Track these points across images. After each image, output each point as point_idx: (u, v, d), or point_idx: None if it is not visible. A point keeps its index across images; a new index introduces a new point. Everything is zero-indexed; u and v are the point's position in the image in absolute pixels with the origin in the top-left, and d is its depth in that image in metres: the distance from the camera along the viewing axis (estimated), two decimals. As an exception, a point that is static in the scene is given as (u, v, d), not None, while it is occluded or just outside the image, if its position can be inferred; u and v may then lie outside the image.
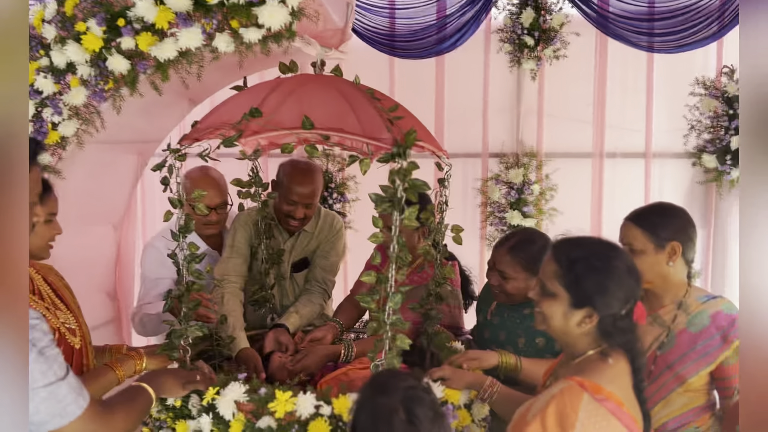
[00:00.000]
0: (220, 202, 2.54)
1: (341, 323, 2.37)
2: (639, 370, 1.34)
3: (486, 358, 1.90)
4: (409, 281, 2.31)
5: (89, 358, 1.84)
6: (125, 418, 1.37)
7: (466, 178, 3.70)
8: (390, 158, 1.63)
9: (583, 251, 1.33)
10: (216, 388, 1.63)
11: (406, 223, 1.62)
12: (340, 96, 1.78)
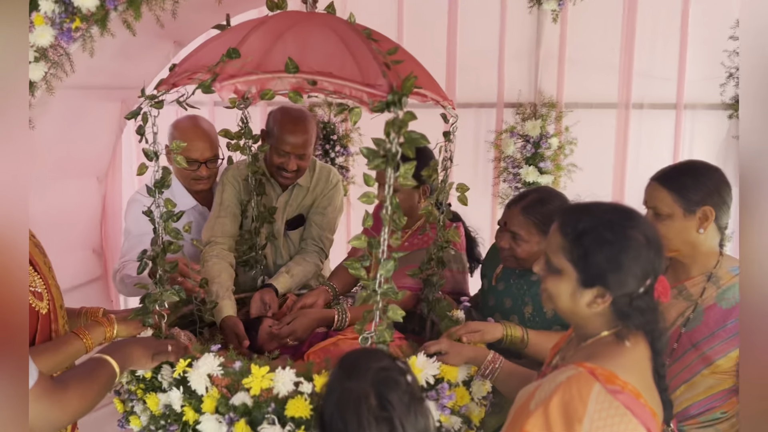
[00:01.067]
0: (210, 156, 2.41)
1: (335, 288, 2.25)
2: (659, 353, 1.20)
3: (489, 330, 1.78)
4: (409, 244, 2.18)
5: (59, 323, 1.74)
6: (81, 395, 1.27)
7: (478, 130, 3.51)
8: (384, 107, 1.47)
9: (592, 221, 1.17)
10: (188, 359, 1.52)
11: (401, 181, 1.47)
12: (332, 36, 1.62)
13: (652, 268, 1.16)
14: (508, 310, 2.00)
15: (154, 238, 1.79)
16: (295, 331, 1.97)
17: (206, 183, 2.47)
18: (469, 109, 3.48)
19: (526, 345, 1.81)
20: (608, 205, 1.21)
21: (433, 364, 1.56)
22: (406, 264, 2.10)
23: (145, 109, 1.71)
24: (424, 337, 2.12)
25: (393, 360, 1.17)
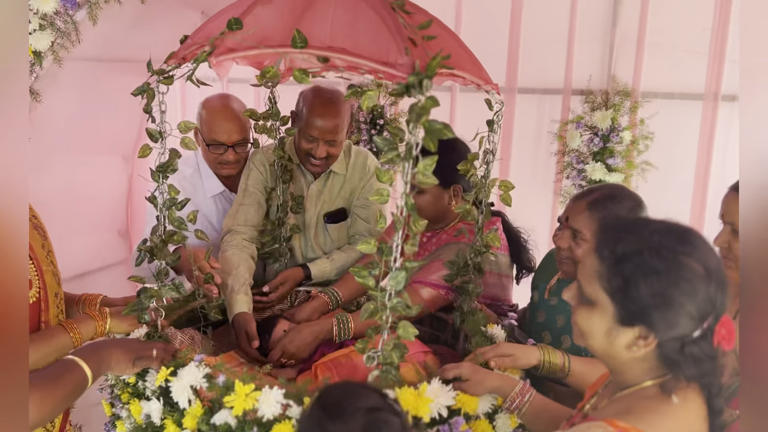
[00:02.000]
0: (238, 139, 2.29)
1: (338, 295, 2.09)
2: (718, 414, 0.97)
3: (522, 355, 1.57)
4: (437, 240, 1.99)
5: (50, 313, 1.66)
6: (40, 403, 1.17)
7: (541, 119, 3.24)
8: (404, 91, 1.28)
9: (636, 243, 0.95)
10: (170, 368, 1.39)
11: (419, 179, 1.28)
12: (350, 7, 1.44)
13: (712, 306, 0.93)
14: (559, 330, 1.79)
15: (155, 227, 1.68)
16: (287, 352, 1.83)
17: (234, 168, 2.35)
18: (532, 96, 3.22)
19: (567, 374, 1.60)
20: (659, 224, 0.98)
21: (448, 393, 1.37)
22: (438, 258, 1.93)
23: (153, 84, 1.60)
24: (458, 351, 1.94)
25: (383, 397, 1.00)
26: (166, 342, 1.58)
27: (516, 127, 3.22)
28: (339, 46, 1.36)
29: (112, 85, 2.23)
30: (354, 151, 2.33)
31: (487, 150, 1.79)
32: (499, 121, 1.78)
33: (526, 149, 3.22)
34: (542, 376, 1.62)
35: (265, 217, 2.27)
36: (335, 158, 2.20)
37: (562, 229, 1.76)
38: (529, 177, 3.28)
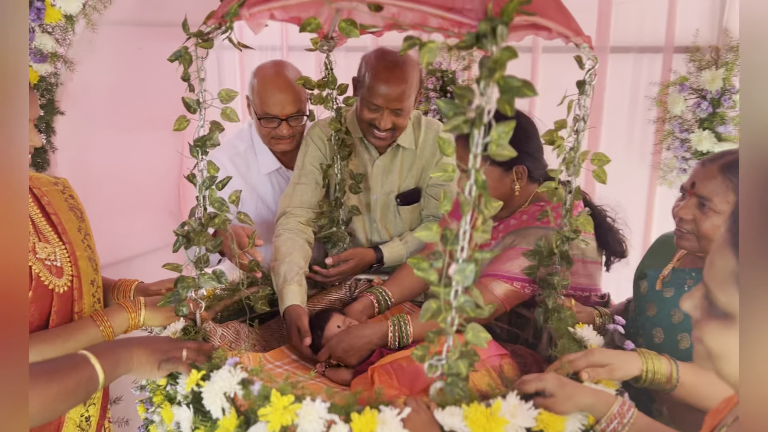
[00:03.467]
0: (293, 112, 2.13)
1: (387, 296, 1.90)
2: None
3: (621, 364, 1.34)
4: (505, 228, 1.77)
5: (84, 302, 1.56)
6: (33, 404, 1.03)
7: (637, 82, 2.92)
8: (473, 42, 1.06)
9: None
10: (202, 371, 1.25)
11: (493, 150, 1.07)
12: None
13: None
14: (675, 327, 1.56)
15: (193, 208, 1.54)
16: (335, 356, 1.67)
17: (288, 143, 2.20)
18: (627, 55, 2.90)
19: (674, 386, 1.36)
20: None
21: (528, 411, 1.16)
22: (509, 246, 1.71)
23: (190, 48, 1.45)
24: (540, 353, 1.72)
25: None
26: (203, 339, 1.44)
27: (608, 92, 2.92)
28: (394, -9, 1.15)
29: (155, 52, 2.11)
30: (424, 122, 2.12)
31: (578, 117, 1.55)
32: (592, 81, 1.53)
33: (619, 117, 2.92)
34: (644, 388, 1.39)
35: (325, 197, 2.11)
36: (401, 130, 2.00)
37: (687, 198, 1.52)
38: (623, 149, 2.97)
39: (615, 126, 2.95)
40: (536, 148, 1.76)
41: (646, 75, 2.89)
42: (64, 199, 1.65)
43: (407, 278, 1.95)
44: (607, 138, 2.96)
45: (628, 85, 2.94)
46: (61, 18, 1.69)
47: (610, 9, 2.84)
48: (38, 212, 1.57)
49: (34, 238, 1.50)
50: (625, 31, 2.86)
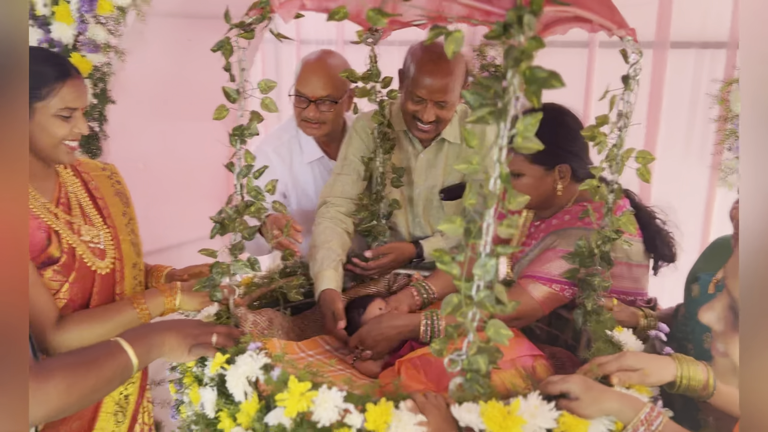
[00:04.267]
0: (322, 95, 2.15)
1: (429, 290, 1.88)
2: None
3: (655, 369, 1.29)
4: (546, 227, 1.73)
5: (126, 284, 1.62)
6: (67, 389, 1.07)
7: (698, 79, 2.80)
8: (501, 32, 1.04)
9: None
10: (227, 354, 1.27)
11: (518, 143, 1.05)
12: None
13: None
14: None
15: (230, 196, 1.56)
16: (364, 344, 1.66)
17: (316, 129, 2.21)
18: (688, 51, 2.78)
19: (711, 394, 1.31)
20: None
21: (549, 412, 1.13)
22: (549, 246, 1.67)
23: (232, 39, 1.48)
24: (579, 355, 1.68)
25: None
26: (234, 325, 1.46)
27: (667, 89, 2.81)
28: (424, -20, 1.14)
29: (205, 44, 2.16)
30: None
31: (621, 112, 1.50)
32: (637, 75, 1.48)
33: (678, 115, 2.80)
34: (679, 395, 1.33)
35: (366, 190, 2.11)
36: (446, 123, 1.98)
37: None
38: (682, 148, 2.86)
39: (674, 124, 2.84)
40: (581, 147, 1.71)
41: (707, 71, 2.76)
42: (110, 184, 1.71)
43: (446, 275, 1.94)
44: (666, 137, 2.85)
45: (688, 81, 2.82)
46: (113, 9, 1.76)
47: (671, 3, 2.74)
48: (85, 196, 1.63)
49: (79, 221, 1.56)
50: (686, 26, 2.75)
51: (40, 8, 1.88)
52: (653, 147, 2.82)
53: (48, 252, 1.47)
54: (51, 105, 1.42)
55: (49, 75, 1.42)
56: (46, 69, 1.42)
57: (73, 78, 1.46)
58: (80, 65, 1.89)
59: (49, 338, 1.41)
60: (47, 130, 1.44)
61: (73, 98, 1.46)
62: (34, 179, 1.50)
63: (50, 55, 1.48)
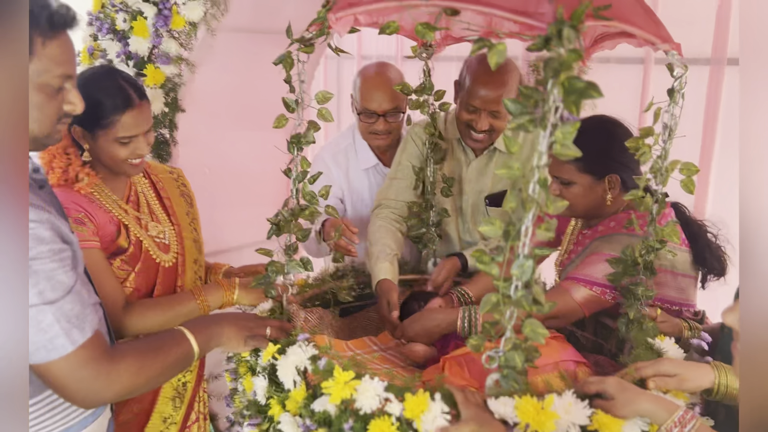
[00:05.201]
0: (389, 108, 2.24)
1: (467, 295, 1.93)
2: None
3: (691, 375, 1.31)
4: (592, 234, 1.75)
5: (187, 277, 1.73)
6: (136, 372, 1.16)
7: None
8: (543, 45, 1.10)
9: None
10: (278, 345, 1.35)
11: (557, 150, 1.10)
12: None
13: None
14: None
15: (286, 200, 1.65)
16: (406, 335, 1.73)
17: (385, 139, 2.30)
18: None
19: None
20: None
21: (583, 410, 1.16)
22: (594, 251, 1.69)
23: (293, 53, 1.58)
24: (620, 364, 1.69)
25: None
26: (286, 320, 1.55)
27: (724, 106, 2.77)
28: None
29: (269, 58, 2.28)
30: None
31: (666, 125, 1.52)
32: (682, 89, 1.50)
33: (735, 132, 2.75)
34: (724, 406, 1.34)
35: (421, 195, 2.17)
36: (499, 133, 2.03)
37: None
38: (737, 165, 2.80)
39: (731, 142, 2.79)
40: (631, 158, 1.73)
41: (765, 88, 2.71)
42: (176, 186, 1.84)
43: (487, 279, 1.97)
44: (722, 154, 2.80)
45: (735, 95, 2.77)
46: (185, 24, 1.88)
47: (729, 20, 2.70)
48: (153, 195, 1.75)
49: (147, 217, 1.69)
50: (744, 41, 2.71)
51: (120, 23, 2.04)
52: (708, 164, 2.78)
53: (117, 242, 1.59)
54: (111, 133, 1.53)
55: (111, 107, 1.51)
56: (110, 101, 1.50)
57: (133, 108, 1.54)
58: (154, 76, 2.03)
59: (117, 320, 1.52)
60: (109, 153, 1.55)
61: (133, 126, 1.55)
62: (106, 180, 1.63)
63: (116, 87, 1.54)
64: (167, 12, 1.87)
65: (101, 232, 1.56)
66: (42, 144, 1.18)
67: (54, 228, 1.10)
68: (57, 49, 1.11)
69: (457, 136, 2.12)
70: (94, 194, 1.60)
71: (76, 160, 1.58)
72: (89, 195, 1.58)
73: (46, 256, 1.07)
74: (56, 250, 1.09)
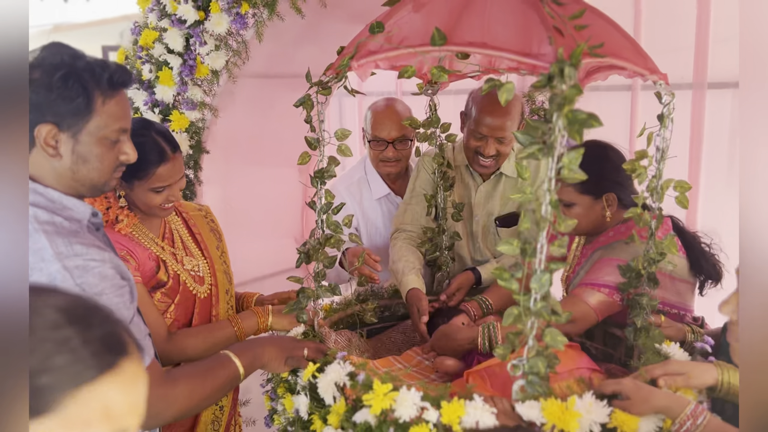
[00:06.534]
0: (397, 136, 2.37)
1: (488, 303, 2.03)
2: None
3: (697, 373, 1.40)
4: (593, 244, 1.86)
5: (221, 307, 1.82)
6: (190, 394, 1.25)
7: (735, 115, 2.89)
8: (546, 82, 1.22)
9: None
10: (317, 364, 1.44)
11: (564, 174, 1.21)
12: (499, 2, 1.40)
13: None
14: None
15: (313, 230, 1.76)
16: (435, 351, 1.82)
17: (394, 166, 2.43)
18: (725, 90, 2.88)
19: None
20: None
21: (602, 409, 1.26)
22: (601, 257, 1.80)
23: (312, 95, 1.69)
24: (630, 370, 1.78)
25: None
26: (320, 341, 1.64)
27: (707, 126, 2.91)
28: (479, 41, 1.33)
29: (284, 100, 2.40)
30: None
31: (658, 147, 1.65)
32: (670, 114, 1.63)
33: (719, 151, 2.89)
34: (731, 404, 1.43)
35: (434, 220, 2.28)
36: (505, 157, 2.16)
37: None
38: (724, 181, 2.93)
39: (716, 159, 2.92)
40: (625, 176, 1.84)
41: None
42: (206, 222, 1.94)
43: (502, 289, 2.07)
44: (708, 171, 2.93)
45: (727, 119, 2.91)
46: (208, 73, 2.01)
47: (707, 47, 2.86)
48: (186, 232, 1.85)
49: (181, 252, 1.78)
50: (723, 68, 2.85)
51: (146, 74, 2.16)
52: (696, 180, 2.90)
53: (157, 277, 1.69)
54: (147, 183, 1.62)
55: (147, 161, 1.59)
56: (145, 155, 1.57)
57: (167, 161, 1.63)
58: (179, 121, 2.15)
59: (161, 349, 1.61)
60: (144, 200, 1.65)
61: (167, 177, 1.64)
62: (142, 220, 1.73)
63: (152, 141, 1.61)
64: (192, 62, 1.99)
65: (142, 268, 1.66)
66: (100, 190, 1.29)
67: (115, 266, 1.20)
68: (115, 107, 1.22)
69: (466, 163, 2.24)
70: (133, 233, 1.70)
71: (115, 203, 1.68)
72: (129, 234, 1.68)
73: (110, 291, 1.17)
74: (117, 285, 1.19)
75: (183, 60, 2.01)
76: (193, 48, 1.98)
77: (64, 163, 1.19)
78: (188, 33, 1.97)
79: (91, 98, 1.17)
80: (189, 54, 1.98)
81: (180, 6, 1.91)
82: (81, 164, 1.21)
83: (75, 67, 1.16)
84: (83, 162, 1.21)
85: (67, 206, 1.22)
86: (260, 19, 1.89)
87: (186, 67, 1.99)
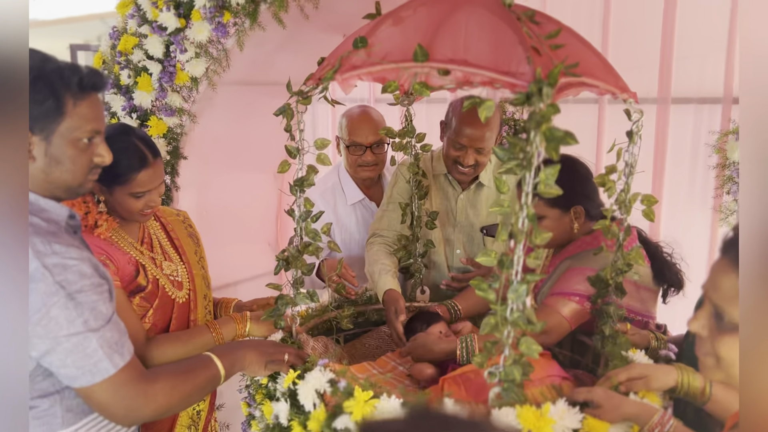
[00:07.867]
0: (375, 140, 2.41)
1: (456, 308, 2.06)
2: None
3: (657, 376, 1.45)
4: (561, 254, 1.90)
5: (198, 312, 1.81)
6: (169, 392, 1.25)
7: (698, 130, 2.97)
8: (524, 100, 1.25)
9: None
10: (298, 371, 1.45)
11: (541, 189, 1.24)
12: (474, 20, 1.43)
13: None
14: None
15: (292, 237, 1.76)
16: (413, 357, 1.83)
17: (372, 171, 2.45)
18: (688, 106, 2.97)
19: (707, 400, 1.45)
20: None
21: (574, 415, 1.29)
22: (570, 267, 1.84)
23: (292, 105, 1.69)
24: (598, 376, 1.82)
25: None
26: (299, 347, 1.64)
27: (671, 140, 3.00)
28: (460, 59, 1.35)
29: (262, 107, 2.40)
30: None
31: (627, 162, 1.69)
32: (639, 131, 1.67)
33: (682, 163, 2.98)
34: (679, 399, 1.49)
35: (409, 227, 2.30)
36: (483, 167, 2.20)
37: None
38: (686, 193, 3.02)
39: (678, 172, 3.01)
40: (592, 189, 1.89)
41: (706, 124, 2.94)
42: (184, 227, 1.92)
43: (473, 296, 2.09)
44: (671, 183, 3.02)
45: (689, 133, 3.00)
46: (188, 80, 1.99)
47: (671, 64, 2.94)
48: (164, 237, 1.84)
49: (160, 257, 1.77)
50: (686, 84, 2.94)
51: (124, 79, 2.13)
52: (660, 192, 2.98)
53: (137, 281, 1.67)
54: (127, 189, 1.60)
55: (127, 166, 1.58)
56: (126, 160, 1.57)
57: (148, 167, 1.61)
58: (157, 126, 2.13)
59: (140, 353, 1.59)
60: (124, 205, 1.63)
61: (147, 183, 1.63)
62: (121, 224, 1.71)
63: (132, 146, 1.60)
64: (172, 69, 1.98)
65: (121, 273, 1.64)
66: (75, 192, 1.31)
67: (93, 265, 1.21)
68: (87, 109, 1.23)
69: (445, 172, 2.27)
70: (113, 238, 1.68)
71: (94, 207, 1.66)
72: (108, 239, 1.66)
73: (89, 288, 1.17)
74: (96, 283, 1.19)
75: (163, 66, 2.00)
76: (173, 55, 1.96)
77: (38, 165, 1.21)
78: (169, 40, 1.96)
79: (60, 101, 1.19)
80: (169, 61, 1.97)
81: (161, 13, 1.90)
82: (54, 166, 1.23)
83: (43, 71, 1.18)
84: (56, 164, 1.22)
85: (43, 208, 1.24)
86: (241, 29, 1.88)
87: (165, 74, 1.98)
